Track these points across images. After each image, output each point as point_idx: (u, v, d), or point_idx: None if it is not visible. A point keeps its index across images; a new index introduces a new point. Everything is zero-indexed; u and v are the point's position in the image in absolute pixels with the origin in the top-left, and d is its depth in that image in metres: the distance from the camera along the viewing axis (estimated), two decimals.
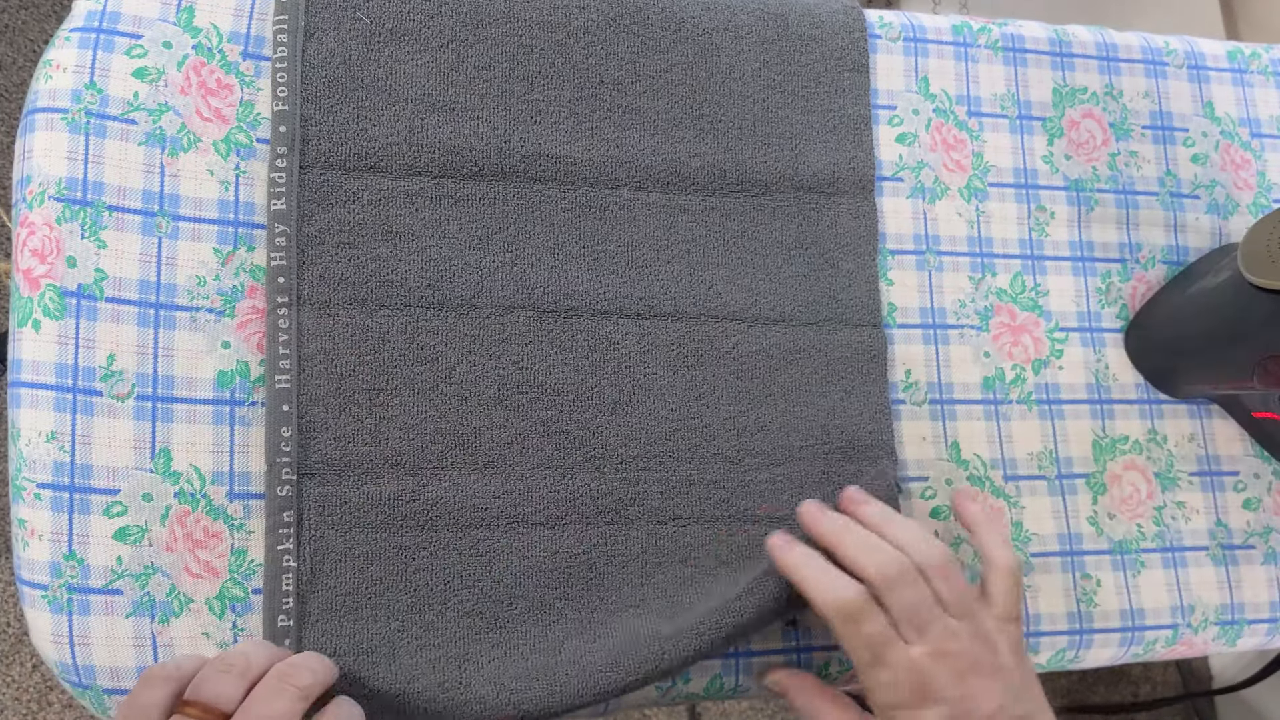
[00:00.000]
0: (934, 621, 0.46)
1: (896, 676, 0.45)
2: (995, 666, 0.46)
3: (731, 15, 0.58)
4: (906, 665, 0.45)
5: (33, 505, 0.46)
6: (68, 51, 0.50)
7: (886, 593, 0.46)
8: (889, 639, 0.45)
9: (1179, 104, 0.66)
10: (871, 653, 0.45)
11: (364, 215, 0.51)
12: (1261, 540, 0.61)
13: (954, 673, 0.45)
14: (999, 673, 0.46)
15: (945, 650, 0.45)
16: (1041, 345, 0.60)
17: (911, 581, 0.46)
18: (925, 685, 0.45)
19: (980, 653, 0.46)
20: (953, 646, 0.45)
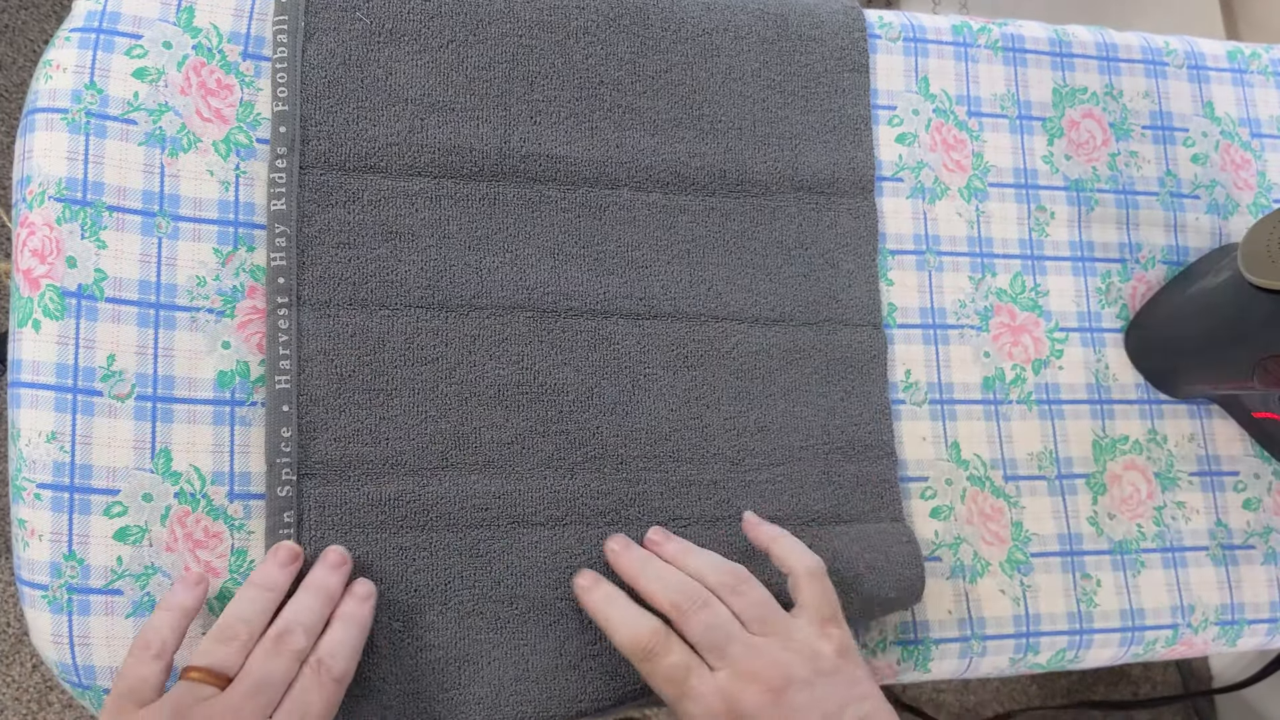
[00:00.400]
0: (733, 641, 0.44)
1: (706, 705, 0.42)
2: (815, 675, 0.43)
3: (731, 15, 0.58)
4: (713, 691, 0.43)
5: (33, 505, 0.46)
6: (68, 51, 0.50)
7: (680, 620, 0.45)
8: (690, 668, 0.43)
9: (1179, 104, 0.66)
10: (676, 687, 0.43)
11: (364, 215, 0.51)
12: (1261, 540, 0.61)
13: (766, 691, 0.42)
14: (821, 680, 0.43)
15: (751, 670, 0.43)
16: (1041, 345, 0.60)
17: (703, 604, 0.45)
18: (736, 710, 0.42)
19: (794, 665, 0.43)
20: (758, 665, 0.43)
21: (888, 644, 0.55)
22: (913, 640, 0.55)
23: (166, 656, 0.42)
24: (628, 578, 0.48)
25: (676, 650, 0.44)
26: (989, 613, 0.56)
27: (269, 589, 0.44)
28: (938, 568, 0.56)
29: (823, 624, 0.45)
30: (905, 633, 0.55)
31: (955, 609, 0.56)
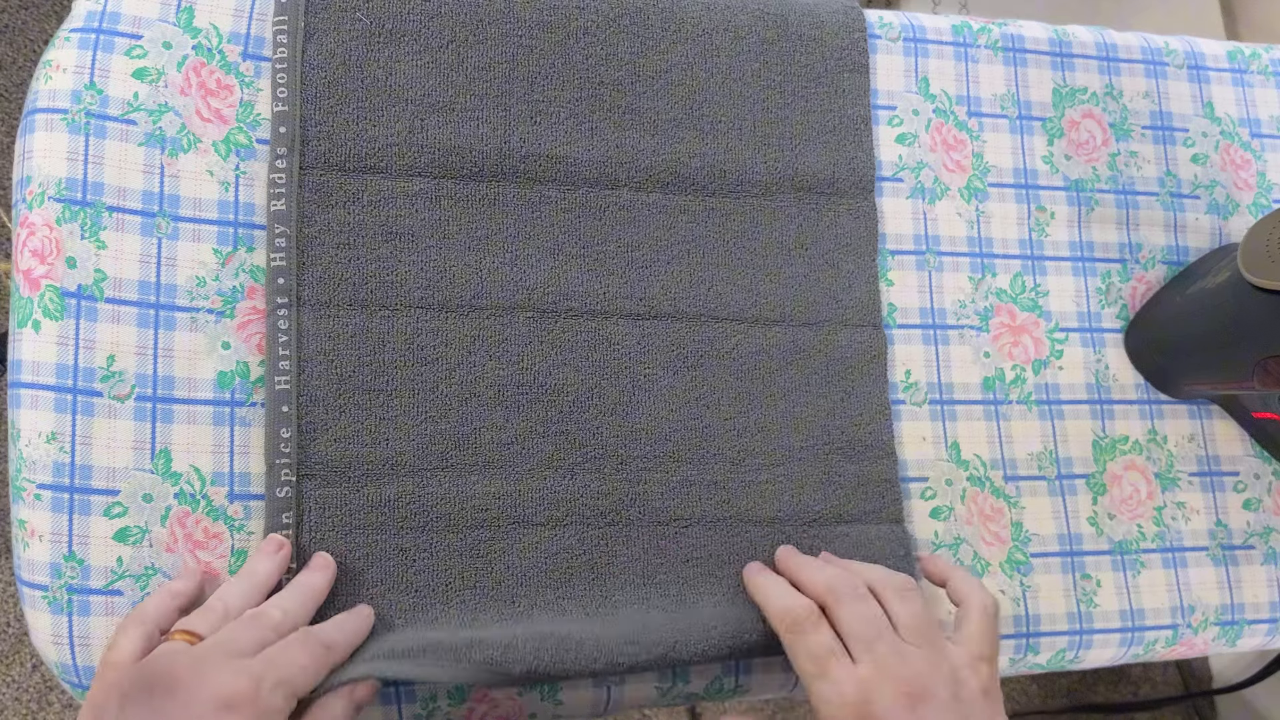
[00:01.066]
0: (882, 639, 0.44)
1: (839, 691, 0.42)
2: (954, 699, 0.42)
3: (731, 16, 0.58)
4: (852, 679, 0.42)
5: (33, 506, 0.46)
6: (68, 52, 0.50)
7: (835, 606, 0.45)
8: (834, 651, 0.43)
9: (1179, 104, 0.66)
10: (815, 664, 0.43)
11: (364, 216, 0.51)
12: (1261, 540, 0.61)
13: (901, 696, 0.41)
14: (958, 707, 0.42)
15: (893, 671, 0.42)
16: (1041, 345, 0.60)
17: (862, 597, 0.45)
18: (868, 704, 0.41)
19: (935, 683, 0.42)
20: (902, 669, 0.42)
21: None
22: None
23: (150, 627, 0.42)
24: (789, 569, 0.49)
25: (825, 632, 0.44)
26: None
27: (252, 575, 0.45)
28: None
29: (977, 658, 0.45)
30: None
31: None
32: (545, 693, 0.51)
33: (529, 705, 0.51)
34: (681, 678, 0.52)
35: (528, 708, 0.51)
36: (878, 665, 0.43)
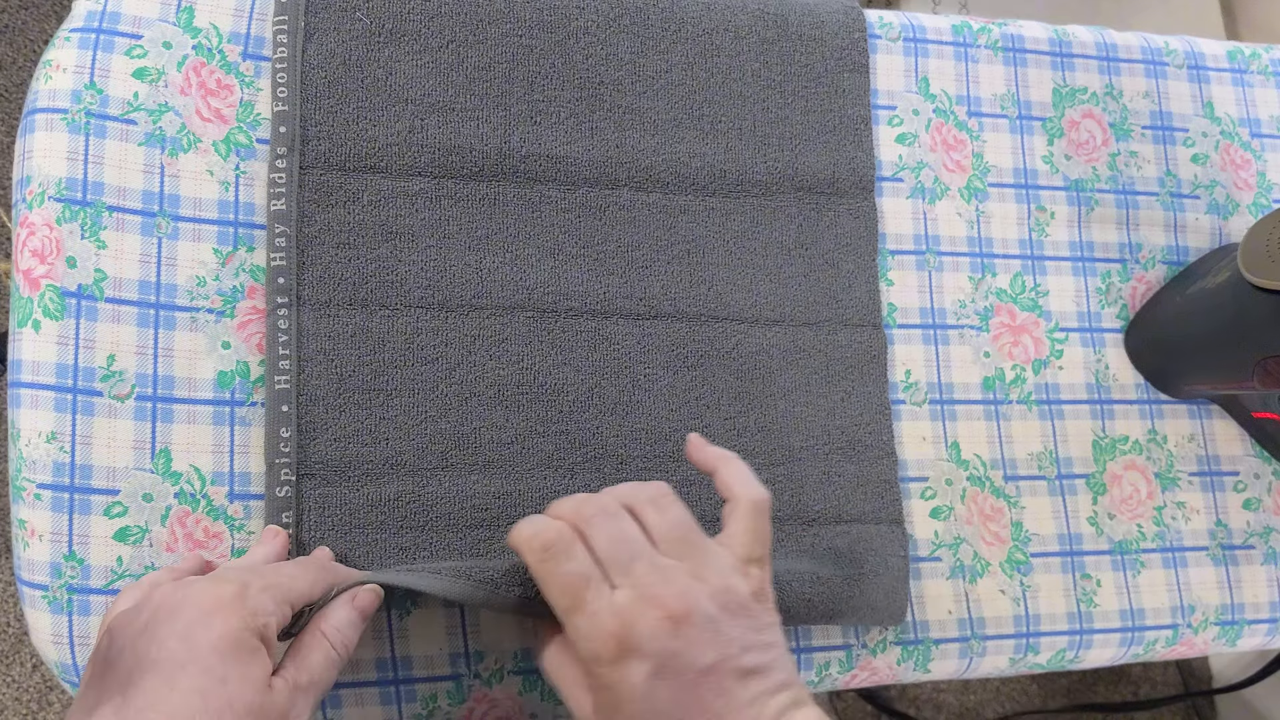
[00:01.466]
0: (639, 559, 0.39)
1: (596, 624, 0.38)
2: (721, 610, 0.39)
3: (731, 15, 0.58)
4: (609, 610, 0.38)
5: (33, 506, 0.46)
6: (68, 52, 0.50)
7: (585, 529, 0.40)
8: (589, 580, 0.39)
9: (1179, 104, 0.66)
10: (569, 598, 0.39)
11: (364, 216, 0.51)
12: (1261, 540, 0.61)
13: (665, 619, 0.38)
14: (726, 618, 0.39)
15: (652, 593, 0.38)
16: (1041, 345, 0.60)
17: (613, 514, 0.41)
18: (627, 634, 0.38)
19: (701, 596, 0.39)
20: (663, 589, 0.39)
21: (888, 644, 0.55)
22: (913, 640, 0.55)
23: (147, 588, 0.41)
24: (551, 508, 0.43)
25: (579, 557, 0.39)
26: (989, 613, 0.56)
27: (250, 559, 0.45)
28: (938, 568, 0.56)
29: (746, 561, 0.41)
30: (905, 633, 0.55)
31: (955, 609, 0.56)
32: (545, 692, 0.51)
33: (529, 705, 0.51)
34: None
35: (528, 707, 0.51)
36: (636, 588, 0.39)
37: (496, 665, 0.50)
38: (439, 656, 0.49)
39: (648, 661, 0.38)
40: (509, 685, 0.50)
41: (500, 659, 0.50)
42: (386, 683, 0.49)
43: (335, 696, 0.48)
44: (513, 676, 0.50)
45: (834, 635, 0.54)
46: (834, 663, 0.54)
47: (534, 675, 0.50)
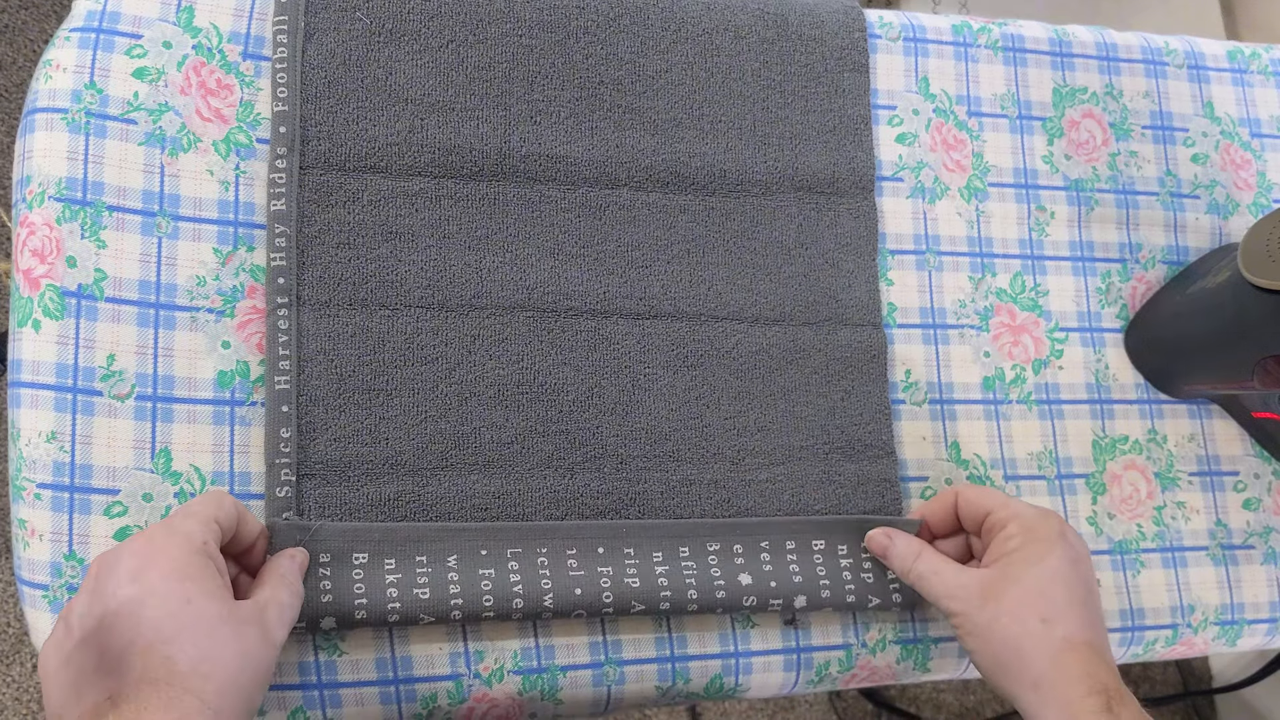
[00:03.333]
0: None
1: (1038, 510, 0.49)
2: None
3: (731, 15, 0.58)
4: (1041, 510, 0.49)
5: (33, 505, 0.46)
6: (68, 51, 0.50)
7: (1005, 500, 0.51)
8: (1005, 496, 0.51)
9: (1179, 104, 0.66)
10: (1005, 498, 0.50)
11: (364, 216, 0.51)
12: (1261, 540, 0.61)
13: (1074, 533, 0.49)
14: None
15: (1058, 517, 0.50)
16: (1041, 345, 0.60)
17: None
18: (1062, 525, 0.48)
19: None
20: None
21: (887, 644, 0.55)
22: (912, 640, 0.55)
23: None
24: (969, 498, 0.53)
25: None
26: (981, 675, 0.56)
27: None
28: None
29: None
30: (905, 633, 0.55)
31: None
32: (545, 692, 0.51)
33: (529, 705, 0.51)
34: (681, 677, 0.52)
35: (527, 707, 0.51)
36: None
37: (496, 665, 0.50)
38: (439, 656, 0.49)
39: (1073, 548, 0.47)
40: (509, 685, 0.50)
41: (500, 659, 0.50)
42: (386, 682, 0.49)
43: (335, 696, 0.48)
44: (513, 676, 0.50)
45: (834, 635, 0.54)
46: (834, 662, 0.54)
47: (534, 674, 0.50)
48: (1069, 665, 0.44)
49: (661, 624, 0.52)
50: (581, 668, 0.51)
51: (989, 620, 0.46)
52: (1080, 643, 0.45)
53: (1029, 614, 0.45)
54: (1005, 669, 0.45)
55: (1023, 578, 0.46)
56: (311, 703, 0.48)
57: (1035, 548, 0.47)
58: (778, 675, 0.53)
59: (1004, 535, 0.48)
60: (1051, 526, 0.48)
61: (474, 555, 0.48)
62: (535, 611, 0.48)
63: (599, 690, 0.51)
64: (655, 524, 0.51)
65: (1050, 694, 0.44)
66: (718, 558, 0.51)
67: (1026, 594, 0.46)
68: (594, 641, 0.51)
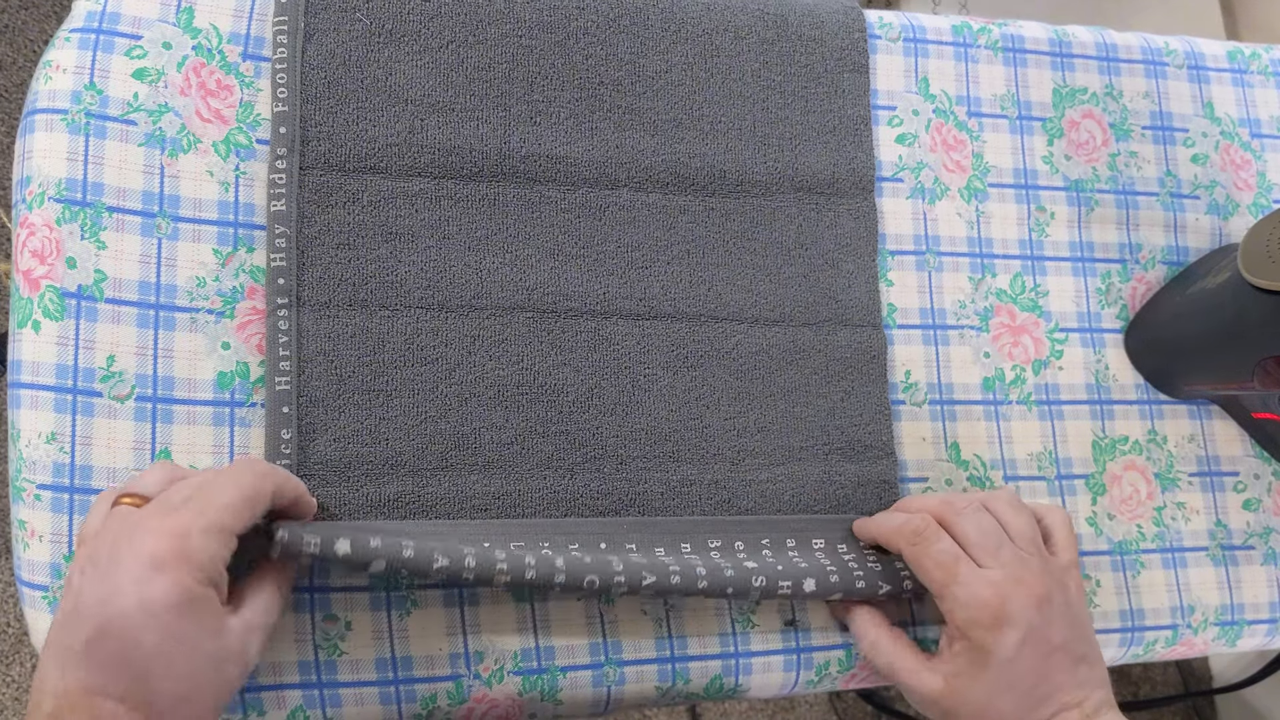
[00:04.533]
0: (1004, 547, 0.47)
1: (973, 593, 0.46)
2: (1065, 604, 0.47)
3: (731, 16, 0.58)
4: (983, 582, 0.46)
5: (33, 506, 0.46)
6: (67, 52, 0.50)
7: (953, 518, 0.48)
8: (959, 557, 0.47)
9: (1179, 104, 0.66)
10: (944, 571, 0.47)
11: (364, 216, 0.51)
12: (1261, 540, 0.61)
13: (1029, 598, 0.45)
14: (1068, 610, 0.47)
15: (1018, 575, 0.46)
16: (1041, 346, 0.60)
17: (977, 510, 0.48)
18: (1002, 605, 0.45)
19: (1051, 587, 0.47)
20: (1026, 574, 0.46)
21: None
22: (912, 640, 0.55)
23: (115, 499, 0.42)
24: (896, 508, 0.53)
25: (947, 540, 0.47)
26: None
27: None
28: None
29: (1071, 565, 0.49)
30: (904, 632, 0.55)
31: None
32: (545, 692, 0.51)
33: (529, 705, 0.51)
34: (681, 677, 0.52)
35: (527, 708, 0.51)
36: (1004, 569, 0.46)
37: (496, 665, 0.50)
38: (439, 656, 0.49)
39: (1019, 630, 0.45)
40: (509, 685, 0.50)
41: (500, 659, 0.50)
42: (386, 683, 0.49)
43: (335, 696, 0.48)
44: (513, 676, 0.50)
45: (834, 635, 0.54)
46: (834, 662, 0.54)
47: (534, 675, 0.50)
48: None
49: (661, 624, 0.52)
50: (581, 668, 0.51)
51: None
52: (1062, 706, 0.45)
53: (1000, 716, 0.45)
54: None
55: (970, 697, 0.46)
56: (311, 702, 0.48)
57: (974, 656, 0.46)
58: (778, 675, 0.53)
59: (946, 638, 0.48)
60: (984, 620, 0.45)
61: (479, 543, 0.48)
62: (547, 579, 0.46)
63: (599, 691, 0.51)
64: (657, 521, 0.51)
65: None
66: (720, 553, 0.51)
67: (982, 711, 0.46)
68: (594, 642, 0.51)
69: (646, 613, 0.52)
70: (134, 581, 0.38)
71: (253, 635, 0.41)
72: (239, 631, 0.41)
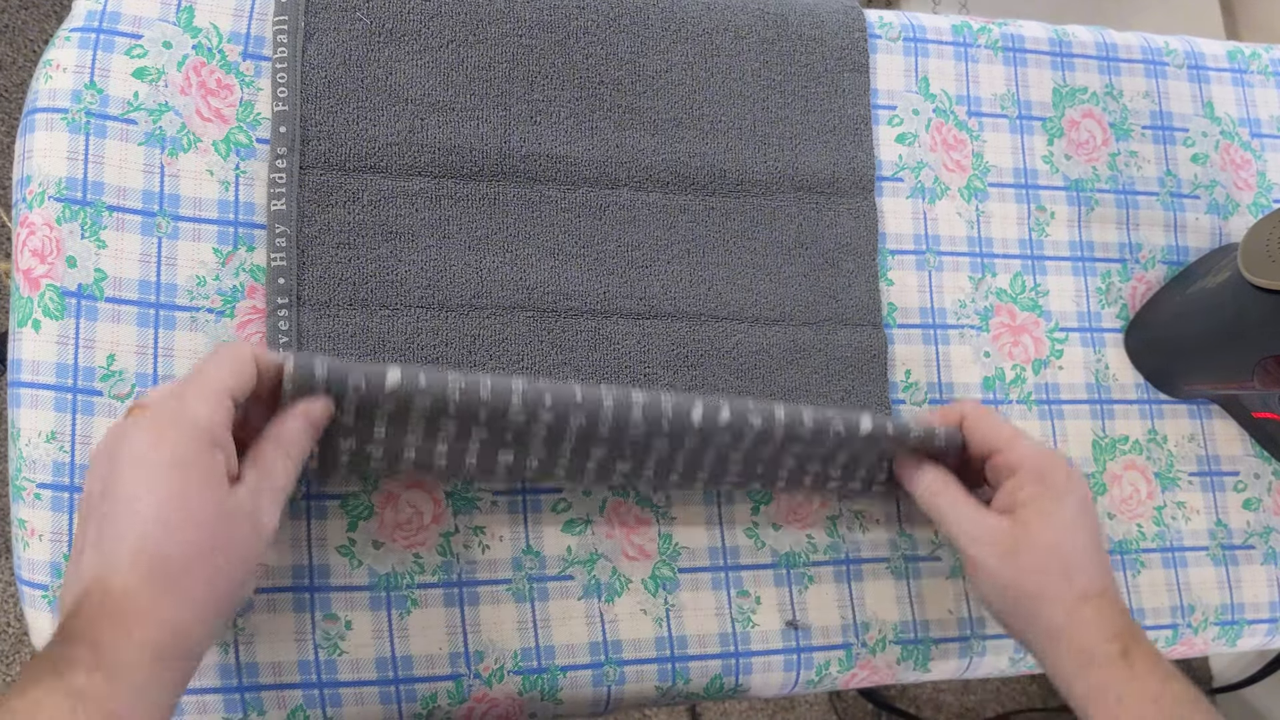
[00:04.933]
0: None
1: (1044, 448, 0.49)
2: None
3: (731, 15, 0.58)
4: (1050, 450, 0.50)
5: (33, 505, 0.46)
6: (68, 51, 0.50)
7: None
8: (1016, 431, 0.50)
9: (1179, 104, 0.66)
10: (1010, 428, 0.50)
11: (364, 216, 0.51)
12: (1261, 540, 0.61)
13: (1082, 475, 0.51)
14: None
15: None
16: (1041, 345, 0.60)
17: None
18: (1069, 466, 0.49)
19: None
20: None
21: (887, 644, 0.55)
22: (913, 640, 0.55)
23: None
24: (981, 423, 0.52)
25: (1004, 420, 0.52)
26: (989, 612, 0.56)
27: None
28: (938, 567, 0.56)
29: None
30: (905, 633, 0.55)
31: (955, 609, 0.56)
32: (545, 692, 0.51)
33: (529, 705, 0.51)
34: (681, 677, 0.52)
35: (527, 707, 0.51)
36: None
37: (496, 665, 0.50)
38: (439, 656, 0.49)
39: (1085, 490, 0.49)
40: (509, 685, 0.50)
41: (500, 659, 0.50)
42: (386, 682, 0.49)
43: (335, 695, 0.48)
44: (513, 676, 0.50)
45: (834, 635, 0.54)
46: (834, 662, 0.54)
47: (534, 675, 0.50)
48: (1086, 616, 0.45)
49: (662, 624, 0.52)
50: (581, 668, 0.51)
51: (1006, 571, 0.47)
52: (1095, 593, 0.46)
53: (1048, 570, 0.46)
54: (1020, 617, 0.47)
55: (1041, 534, 0.47)
56: (311, 702, 0.48)
57: (1048, 500, 0.47)
58: (778, 675, 0.53)
59: (1014, 483, 0.48)
60: (1059, 473, 0.48)
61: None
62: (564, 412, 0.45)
63: (599, 690, 0.51)
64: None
65: (1068, 644, 0.45)
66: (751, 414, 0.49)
67: (1046, 551, 0.47)
68: (594, 642, 0.51)
69: (647, 612, 0.52)
70: (133, 451, 0.37)
71: (262, 496, 0.40)
72: (246, 491, 0.39)
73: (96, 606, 0.35)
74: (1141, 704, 0.43)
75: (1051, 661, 0.46)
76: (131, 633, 0.35)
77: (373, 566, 0.49)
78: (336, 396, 0.43)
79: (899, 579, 0.56)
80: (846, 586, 0.55)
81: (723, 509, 0.54)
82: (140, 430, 0.38)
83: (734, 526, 0.54)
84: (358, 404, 0.43)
